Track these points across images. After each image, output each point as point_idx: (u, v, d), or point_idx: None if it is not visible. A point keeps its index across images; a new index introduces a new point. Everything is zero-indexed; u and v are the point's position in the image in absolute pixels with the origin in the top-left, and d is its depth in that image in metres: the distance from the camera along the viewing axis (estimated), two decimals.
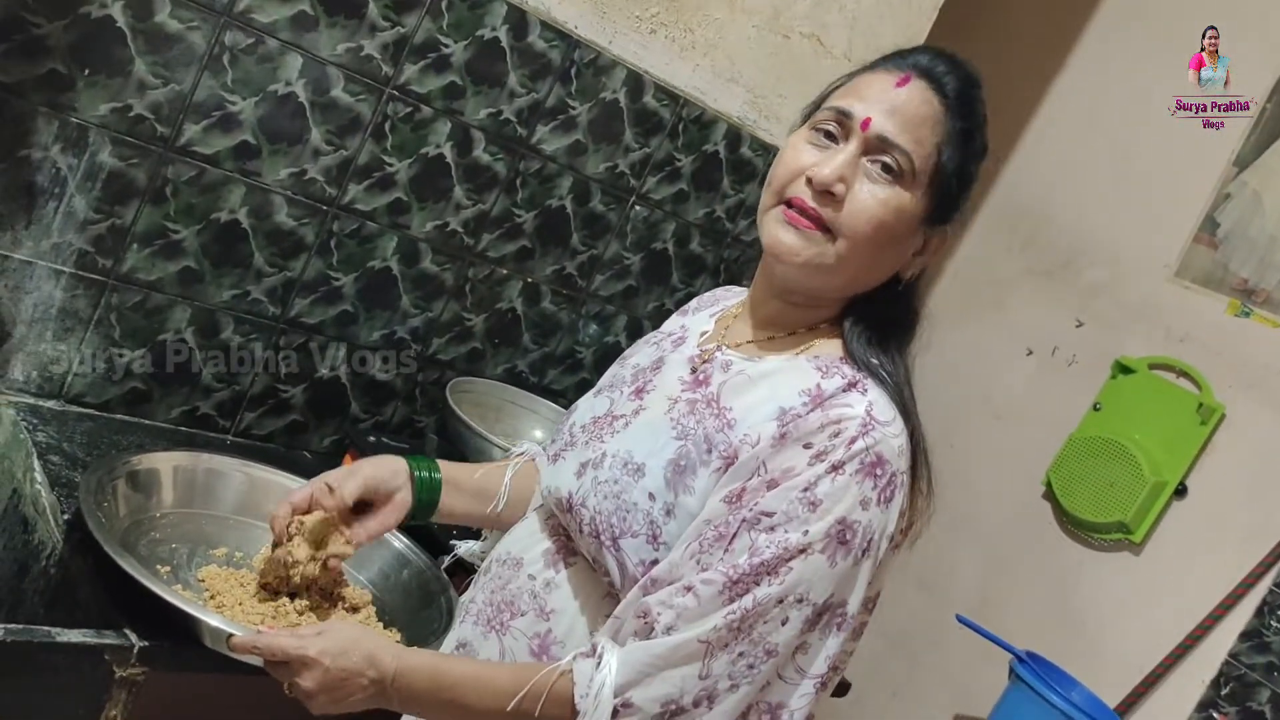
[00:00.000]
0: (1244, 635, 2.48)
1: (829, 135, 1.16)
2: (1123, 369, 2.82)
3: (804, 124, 1.21)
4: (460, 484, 1.42)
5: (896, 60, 1.18)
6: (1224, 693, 2.47)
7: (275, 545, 1.37)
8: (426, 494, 1.39)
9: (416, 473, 1.39)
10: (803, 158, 1.16)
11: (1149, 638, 2.62)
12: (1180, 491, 2.66)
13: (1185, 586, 2.60)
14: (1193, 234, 2.78)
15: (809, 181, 1.14)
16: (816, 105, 1.22)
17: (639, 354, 1.36)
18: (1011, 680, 2.58)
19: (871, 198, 1.13)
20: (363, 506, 1.37)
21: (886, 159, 1.13)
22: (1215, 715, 2.46)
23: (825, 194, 1.13)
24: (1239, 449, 2.61)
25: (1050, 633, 2.77)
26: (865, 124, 1.13)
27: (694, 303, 1.43)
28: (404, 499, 1.38)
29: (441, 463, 1.42)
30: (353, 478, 1.35)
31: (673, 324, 1.39)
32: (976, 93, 1.18)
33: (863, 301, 1.20)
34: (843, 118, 1.15)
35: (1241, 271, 2.69)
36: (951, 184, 1.17)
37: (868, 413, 1.09)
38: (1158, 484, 2.65)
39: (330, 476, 1.36)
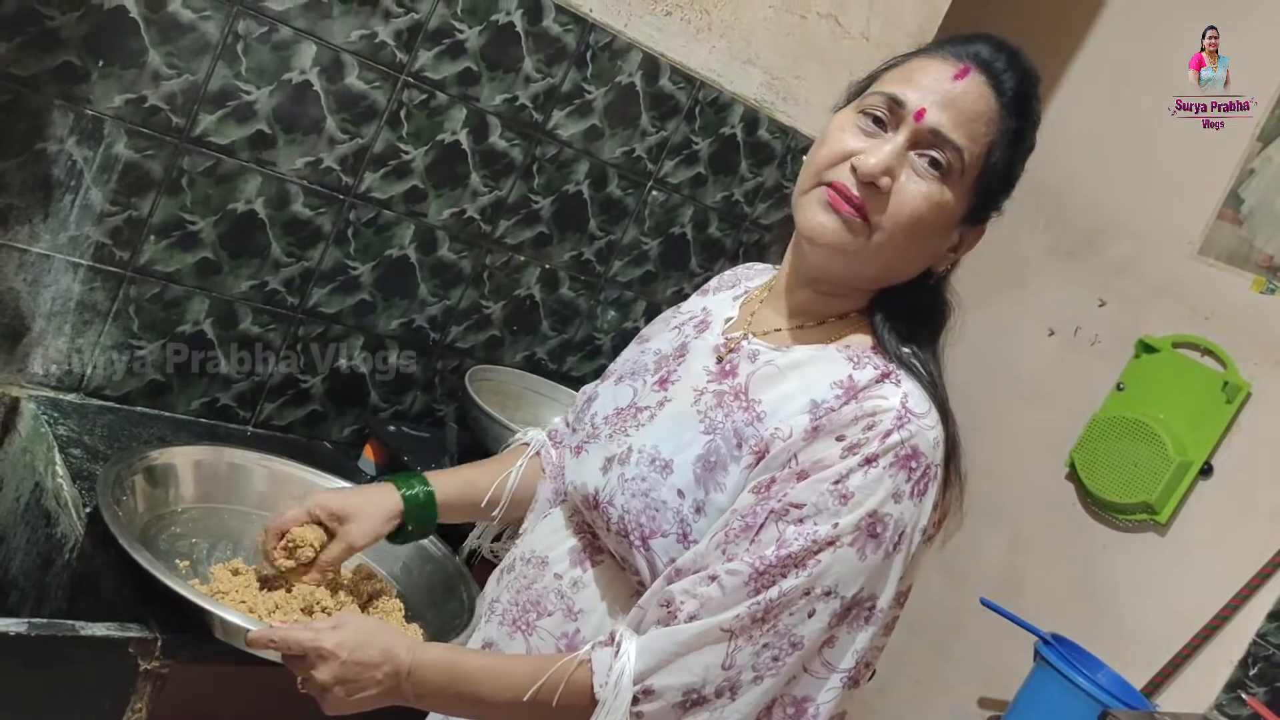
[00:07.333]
0: (1272, 615, 2.46)
1: (877, 121, 1.11)
2: (1146, 348, 2.79)
3: (849, 103, 1.16)
4: (448, 507, 1.43)
5: (955, 48, 1.12)
6: (1252, 673, 2.46)
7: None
8: (418, 516, 1.40)
9: (405, 491, 1.39)
10: (849, 142, 1.11)
11: (1175, 619, 2.60)
12: (1206, 471, 2.64)
13: (1211, 567, 2.58)
14: (1216, 210, 2.75)
15: (854, 169, 1.09)
16: (865, 86, 1.17)
17: (659, 338, 1.32)
18: (1036, 662, 2.57)
19: (916, 193, 1.09)
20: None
21: (936, 154, 1.09)
22: (1244, 696, 2.44)
23: (869, 184, 1.09)
24: (1265, 427, 2.59)
25: (1075, 615, 2.75)
26: (919, 115, 1.08)
27: (714, 282, 1.40)
28: (358, 530, 1.36)
29: (434, 479, 1.42)
30: (302, 503, 1.37)
31: (693, 305, 1.35)
32: (1034, 90, 1.12)
33: (893, 293, 1.17)
34: (894, 105, 1.10)
35: (1266, 248, 2.66)
36: (997, 184, 1.14)
37: (903, 405, 1.06)
38: (1183, 463, 2.63)
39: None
